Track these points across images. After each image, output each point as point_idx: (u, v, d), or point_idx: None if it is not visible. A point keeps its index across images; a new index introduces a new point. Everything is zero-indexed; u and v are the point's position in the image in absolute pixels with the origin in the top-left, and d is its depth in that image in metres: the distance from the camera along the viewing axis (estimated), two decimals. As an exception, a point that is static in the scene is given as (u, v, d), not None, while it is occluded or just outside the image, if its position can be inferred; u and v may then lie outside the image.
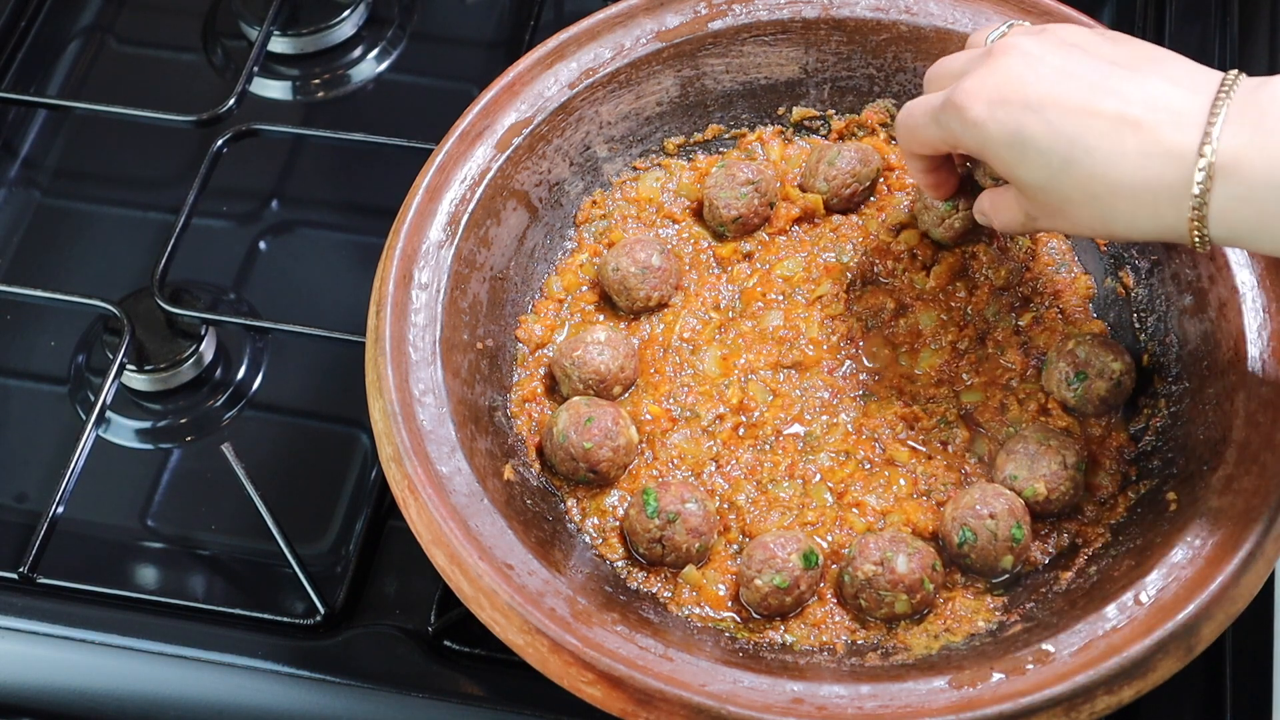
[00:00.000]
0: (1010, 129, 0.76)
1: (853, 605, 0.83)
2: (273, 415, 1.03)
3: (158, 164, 1.14)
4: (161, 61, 1.21)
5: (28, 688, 0.89)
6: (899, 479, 0.87)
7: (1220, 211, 0.71)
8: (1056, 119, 0.74)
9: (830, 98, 0.99)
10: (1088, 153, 0.74)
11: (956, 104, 0.78)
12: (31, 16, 1.21)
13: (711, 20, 0.97)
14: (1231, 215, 0.71)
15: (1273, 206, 0.70)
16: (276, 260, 1.11)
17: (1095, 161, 0.73)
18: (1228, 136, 0.70)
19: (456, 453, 0.82)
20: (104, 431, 1.01)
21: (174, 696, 0.88)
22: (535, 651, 0.77)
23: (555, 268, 0.95)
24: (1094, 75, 0.75)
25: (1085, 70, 0.75)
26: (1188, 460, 0.84)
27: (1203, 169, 0.71)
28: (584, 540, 0.86)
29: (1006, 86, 0.76)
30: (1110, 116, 0.73)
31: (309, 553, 0.94)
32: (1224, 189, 0.71)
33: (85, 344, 1.05)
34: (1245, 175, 0.70)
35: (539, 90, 0.94)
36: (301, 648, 0.89)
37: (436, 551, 0.79)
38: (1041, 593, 0.83)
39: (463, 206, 0.90)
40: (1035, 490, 0.85)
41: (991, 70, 0.77)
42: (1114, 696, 0.75)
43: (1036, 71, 0.76)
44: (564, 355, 0.90)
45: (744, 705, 0.74)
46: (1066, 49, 0.77)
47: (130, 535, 0.98)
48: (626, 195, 0.98)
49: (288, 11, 1.18)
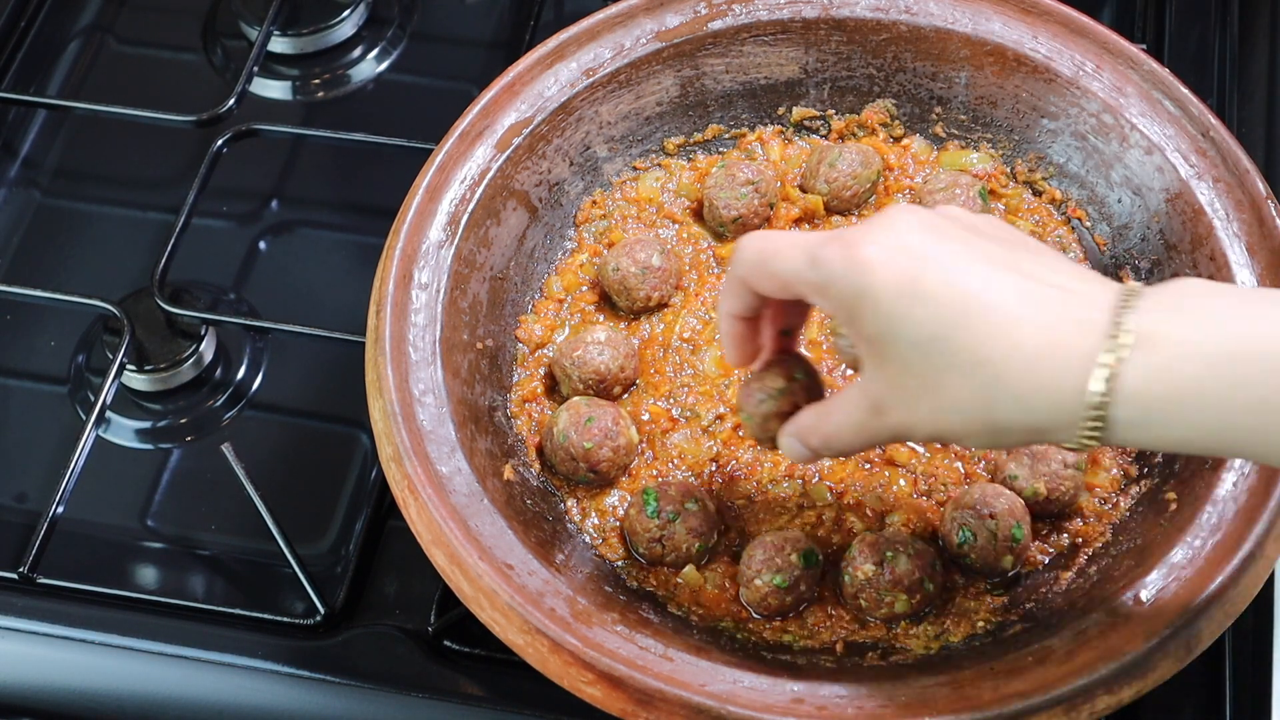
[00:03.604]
0: (908, 275, 0.65)
1: (853, 605, 0.83)
2: (273, 415, 1.03)
3: (158, 164, 1.14)
4: (161, 61, 1.21)
5: (28, 688, 0.89)
6: (899, 479, 0.87)
7: (1133, 384, 0.63)
8: (958, 274, 0.65)
9: (830, 98, 0.99)
10: (987, 310, 0.64)
11: (846, 240, 0.67)
12: (31, 16, 1.21)
13: (711, 20, 0.97)
14: (1146, 390, 0.63)
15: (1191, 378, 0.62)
16: (276, 260, 1.11)
17: (995, 321, 0.64)
18: (1145, 311, 0.63)
19: (456, 453, 0.82)
20: (104, 431, 1.01)
21: (174, 696, 0.88)
22: (535, 651, 0.77)
23: (555, 268, 0.95)
24: (997, 246, 0.67)
25: (987, 240, 0.67)
26: (1188, 460, 0.84)
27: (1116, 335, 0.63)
28: (584, 540, 0.86)
29: (906, 237, 0.67)
30: (1016, 281, 0.65)
31: (309, 553, 0.94)
32: (1142, 358, 0.62)
33: (85, 344, 1.05)
34: (1164, 344, 0.62)
35: (539, 90, 0.94)
36: (301, 648, 0.89)
37: (436, 551, 0.80)
38: (1041, 593, 0.83)
39: (463, 206, 0.90)
40: (1035, 490, 0.85)
41: (888, 223, 0.68)
42: (1114, 696, 0.75)
43: (939, 231, 0.67)
44: (564, 355, 0.90)
45: (744, 705, 0.74)
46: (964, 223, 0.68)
47: (130, 535, 0.98)
48: (626, 195, 0.98)
49: (288, 11, 1.18)
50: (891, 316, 0.66)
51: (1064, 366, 0.64)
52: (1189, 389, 0.62)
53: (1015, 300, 0.65)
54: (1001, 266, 0.66)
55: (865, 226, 0.68)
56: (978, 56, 0.96)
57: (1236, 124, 1.09)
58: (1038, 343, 0.64)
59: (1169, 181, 0.91)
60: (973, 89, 0.97)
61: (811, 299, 0.71)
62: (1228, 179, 0.90)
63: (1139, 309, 0.63)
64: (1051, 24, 0.95)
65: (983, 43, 0.95)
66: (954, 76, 0.97)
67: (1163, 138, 0.92)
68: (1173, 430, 0.63)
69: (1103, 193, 0.94)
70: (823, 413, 0.74)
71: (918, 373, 0.66)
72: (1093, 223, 0.95)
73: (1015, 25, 0.95)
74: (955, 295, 0.65)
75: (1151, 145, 0.92)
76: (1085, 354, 0.63)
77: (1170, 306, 0.64)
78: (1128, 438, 0.65)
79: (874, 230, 0.68)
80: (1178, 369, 0.62)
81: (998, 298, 0.65)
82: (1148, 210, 0.92)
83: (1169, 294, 0.64)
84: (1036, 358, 0.64)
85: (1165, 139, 0.91)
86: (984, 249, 0.67)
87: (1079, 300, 0.65)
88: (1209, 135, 0.91)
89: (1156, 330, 0.63)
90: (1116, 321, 0.63)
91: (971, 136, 0.98)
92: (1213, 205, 0.89)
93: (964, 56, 0.96)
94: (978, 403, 0.66)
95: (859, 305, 0.67)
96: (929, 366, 0.66)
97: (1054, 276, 0.66)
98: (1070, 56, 0.94)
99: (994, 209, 0.96)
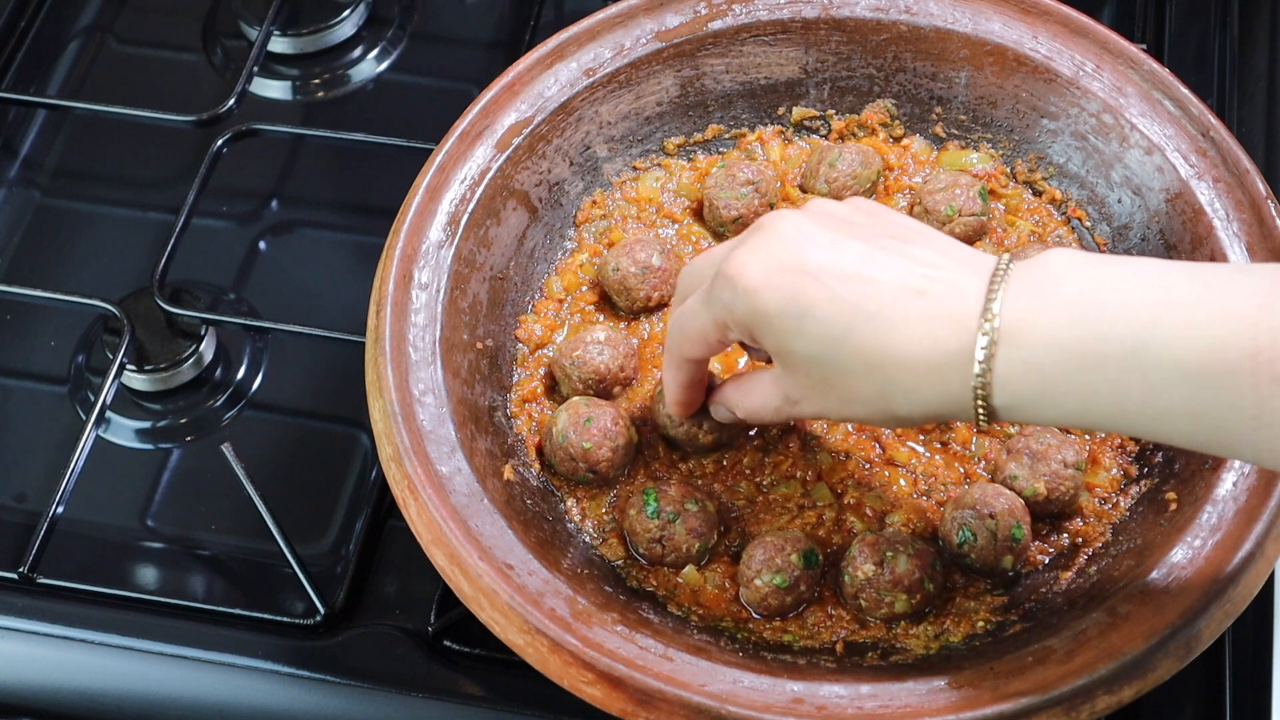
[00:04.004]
0: (788, 295, 0.71)
1: (853, 605, 0.83)
2: (273, 415, 1.03)
3: (158, 164, 1.14)
4: (161, 61, 1.21)
5: (28, 688, 0.89)
6: (899, 479, 0.87)
7: (1004, 377, 0.68)
8: (837, 286, 0.70)
9: (830, 98, 0.99)
10: (870, 319, 0.69)
11: (728, 274, 0.73)
12: (31, 16, 1.21)
13: (711, 20, 0.97)
14: (1015, 381, 0.68)
15: (1054, 371, 0.67)
16: (276, 260, 1.11)
17: (878, 329, 0.69)
18: (1010, 302, 0.67)
19: (456, 453, 0.82)
20: (104, 431, 1.01)
21: (174, 696, 0.88)
22: (535, 651, 0.77)
23: (555, 268, 0.95)
24: (868, 244, 0.71)
25: (859, 239, 0.71)
26: (1188, 460, 0.84)
27: (987, 333, 0.67)
28: (584, 540, 0.86)
29: (781, 254, 0.72)
30: (891, 284, 0.70)
31: (309, 553, 0.94)
32: (1008, 352, 0.67)
33: (85, 344, 1.05)
34: (1028, 339, 0.67)
35: (539, 90, 0.94)
36: (301, 648, 0.89)
37: (436, 551, 0.79)
38: (1041, 593, 0.83)
39: (463, 206, 0.90)
40: (1035, 490, 0.85)
41: (763, 241, 0.73)
42: (1114, 696, 0.75)
43: (811, 240, 0.71)
44: (564, 355, 0.90)
45: (744, 705, 0.74)
46: (835, 221, 0.73)
47: (130, 535, 0.98)
48: (626, 195, 0.98)
49: (288, 11, 1.18)
50: (784, 333, 0.72)
51: (945, 366, 0.69)
52: (1053, 380, 0.67)
53: (893, 305, 0.69)
54: (876, 265, 0.70)
55: (746, 244, 0.73)
56: (978, 56, 0.96)
57: (1236, 124, 1.09)
58: (918, 348, 0.69)
59: (1169, 181, 0.91)
60: (973, 89, 0.97)
61: (727, 338, 0.77)
62: (1228, 179, 0.90)
63: (1005, 298, 0.68)
64: (1051, 24, 0.95)
65: (983, 43, 0.95)
66: (954, 76, 0.97)
67: (1163, 138, 0.92)
68: (1047, 413, 0.69)
69: (1103, 193, 0.94)
70: (744, 391, 0.81)
71: (818, 376, 0.72)
72: (1093, 223, 0.95)
73: (1015, 25, 0.95)
74: (837, 310, 0.70)
75: (1151, 145, 0.92)
76: (961, 353, 0.68)
77: (1033, 292, 0.68)
78: (1017, 419, 0.70)
79: (754, 249, 0.73)
80: (1040, 363, 0.67)
81: (876, 305, 0.70)
82: (1148, 210, 0.92)
83: (1033, 277, 0.68)
84: (919, 362, 0.69)
85: (1165, 139, 0.92)
86: (856, 248, 0.71)
87: (951, 293, 0.69)
88: (1209, 135, 0.91)
89: (1022, 322, 0.67)
90: (985, 317, 0.68)
91: (971, 136, 0.98)
92: (1213, 205, 0.89)
93: (964, 56, 0.96)
94: (877, 398, 0.71)
95: (755, 326, 0.73)
96: (827, 372, 0.72)
97: (924, 267, 0.70)
98: (1070, 56, 0.94)
99: (994, 209, 0.96)
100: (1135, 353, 0.65)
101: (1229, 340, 0.63)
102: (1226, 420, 0.64)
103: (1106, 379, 0.66)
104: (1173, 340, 0.64)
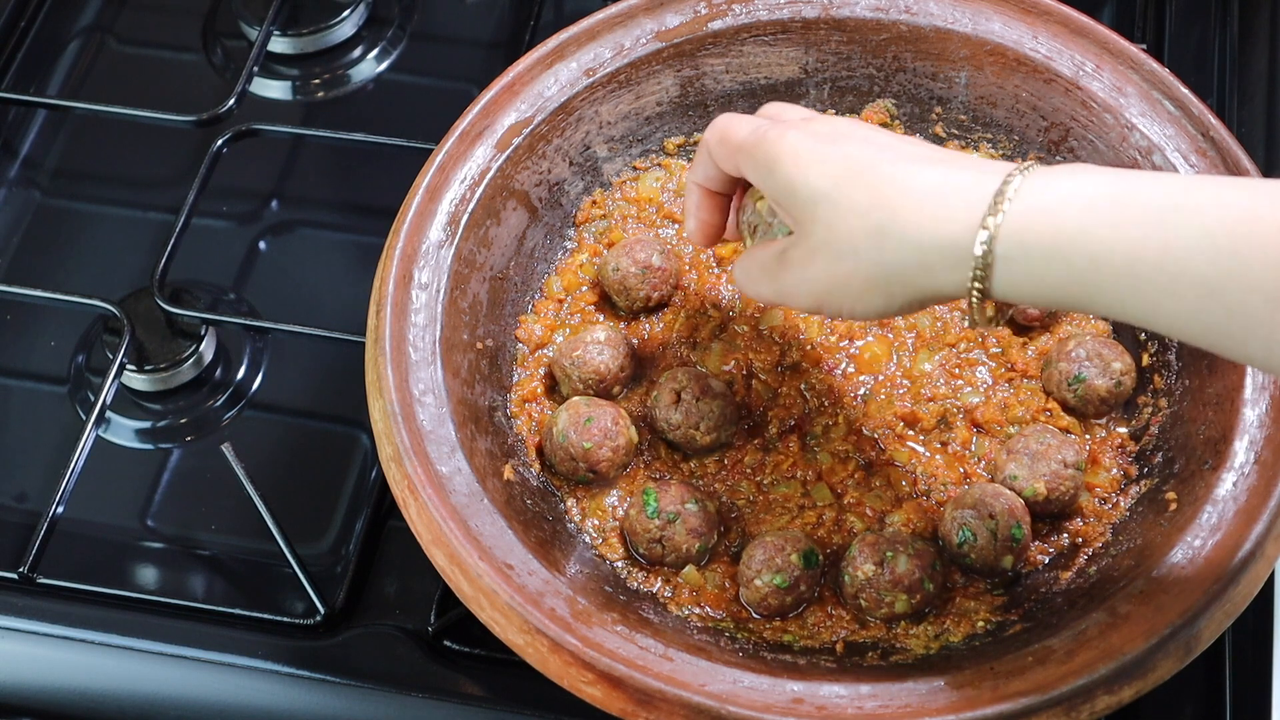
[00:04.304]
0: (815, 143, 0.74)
1: (853, 605, 0.83)
2: (273, 415, 1.03)
3: (158, 164, 1.14)
4: (161, 61, 1.21)
5: (28, 688, 0.89)
6: (899, 479, 0.87)
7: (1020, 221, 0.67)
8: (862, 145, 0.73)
9: (830, 98, 0.99)
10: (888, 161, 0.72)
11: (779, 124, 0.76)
12: (31, 16, 1.21)
13: (711, 20, 0.97)
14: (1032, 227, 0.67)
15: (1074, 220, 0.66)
16: (276, 260, 1.11)
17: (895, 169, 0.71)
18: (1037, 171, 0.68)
19: (456, 453, 0.82)
20: (104, 431, 1.01)
21: (174, 696, 0.88)
22: (535, 651, 0.77)
23: (555, 268, 0.95)
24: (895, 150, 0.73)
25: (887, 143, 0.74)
26: (1188, 460, 0.84)
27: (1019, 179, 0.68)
28: (584, 540, 0.86)
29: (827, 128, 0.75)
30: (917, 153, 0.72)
31: (309, 553, 0.94)
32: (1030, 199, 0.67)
33: (85, 344, 1.05)
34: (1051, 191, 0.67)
35: (539, 90, 0.94)
36: (301, 648, 0.89)
37: (436, 551, 0.80)
38: (1041, 593, 0.83)
39: (463, 206, 0.90)
40: (1035, 490, 0.85)
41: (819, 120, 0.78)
42: (1114, 696, 0.75)
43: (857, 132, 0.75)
44: (564, 355, 0.90)
45: (744, 705, 0.74)
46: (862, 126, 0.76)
47: (130, 535, 0.98)
48: (626, 195, 0.98)
49: (288, 11, 1.18)
50: (798, 167, 0.73)
51: (955, 205, 0.69)
52: (1071, 227, 0.66)
53: (913, 155, 0.72)
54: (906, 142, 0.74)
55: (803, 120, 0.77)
56: (978, 56, 0.96)
57: (1236, 124, 1.09)
58: (931, 185, 0.70)
59: (1169, 181, 0.91)
60: (973, 89, 0.97)
61: (744, 168, 0.78)
62: (1228, 179, 0.89)
63: (1031, 171, 0.68)
64: (1051, 24, 0.95)
65: (983, 43, 0.95)
66: (954, 76, 0.97)
67: (1163, 138, 0.92)
68: (1054, 271, 0.67)
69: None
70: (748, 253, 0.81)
71: (820, 218, 0.72)
72: (1093, 223, 0.95)
73: (1015, 25, 0.95)
74: (857, 153, 0.72)
75: (1151, 145, 0.92)
76: (975, 198, 0.68)
77: (1062, 171, 0.68)
78: (1011, 284, 0.68)
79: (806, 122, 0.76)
80: (1060, 211, 0.66)
81: (895, 154, 0.72)
82: (1148, 210, 0.92)
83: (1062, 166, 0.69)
84: (928, 197, 0.69)
85: (1165, 139, 0.92)
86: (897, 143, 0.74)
87: (974, 161, 0.71)
88: (1209, 135, 0.91)
89: (1047, 181, 0.67)
90: (1008, 176, 0.68)
91: (971, 136, 0.98)
92: (1213, 205, 0.89)
93: (964, 56, 0.96)
94: (871, 245, 0.71)
95: (774, 164, 0.74)
96: (828, 212, 0.72)
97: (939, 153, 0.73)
98: (1070, 56, 0.94)
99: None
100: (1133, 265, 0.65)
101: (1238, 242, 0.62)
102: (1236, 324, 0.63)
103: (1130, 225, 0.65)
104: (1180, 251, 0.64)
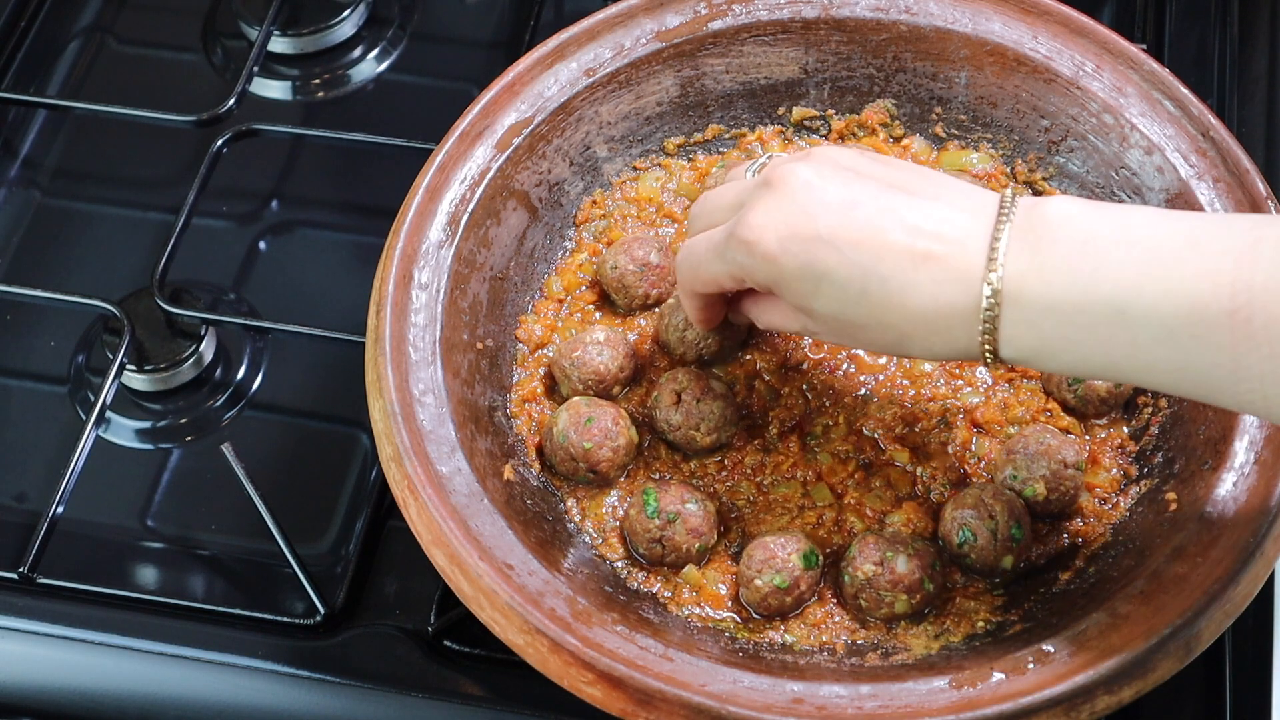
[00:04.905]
0: (804, 262, 0.75)
1: (853, 605, 0.83)
2: (273, 415, 1.03)
3: (158, 164, 1.14)
4: (161, 61, 1.21)
5: (28, 688, 0.89)
6: (899, 479, 0.87)
7: (1008, 335, 0.72)
8: (850, 252, 0.74)
9: (830, 98, 0.99)
10: (882, 283, 0.73)
11: (745, 240, 0.76)
12: (31, 16, 1.21)
13: (711, 20, 0.97)
14: (1018, 339, 0.72)
15: (1051, 330, 0.71)
16: (276, 260, 1.11)
17: (890, 292, 0.73)
18: (1011, 261, 0.71)
19: (456, 453, 0.82)
20: (104, 431, 1.01)
21: (174, 696, 0.88)
22: (535, 651, 0.77)
23: (555, 268, 0.95)
24: (878, 203, 0.74)
25: (868, 198, 0.75)
26: (1188, 460, 0.84)
27: (990, 296, 0.71)
28: (584, 540, 0.86)
29: (794, 219, 0.75)
30: (901, 249, 0.73)
31: (309, 553, 0.94)
32: (1010, 314, 0.72)
33: (85, 344, 1.05)
34: (1027, 299, 0.71)
35: (539, 90, 0.94)
36: (301, 648, 0.89)
37: (436, 551, 0.79)
38: (1041, 593, 0.83)
39: (463, 206, 0.90)
40: (1035, 490, 0.85)
41: (776, 202, 0.76)
42: (1114, 696, 0.75)
43: (822, 202, 0.75)
44: (564, 355, 0.90)
45: (744, 705, 0.74)
46: (844, 174, 0.76)
47: (130, 535, 0.98)
48: (626, 195, 0.98)
49: (288, 11, 1.18)
50: (802, 294, 0.76)
51: (953, 323, 0.73)
52: (1051, 338, 0.72)
53: (903, 269, 0.73)
54: (884, 226, 0.74)
55: (759, 204, 0.77)
56: (978, 56, 0.96)
57: (1236, 124, 1.08)
58: (928, 308, 0.73)
59: (1169, 181, 0.91)
60: (973, 89, 0.97)
61: (744, 286, 0.81)
62: (1228, 179, 0.90)
63: (1007, 255, 0.72)
64: (1051, 24, 0.95)
65: (983, 43, 0.95)
66: (954, 76, 0.97)
67: (1163, 138, 0.92)
68: (1049, 365, 0.73)
69: (1103, 193, 0.94)
70: (764, 308, 0.83)
71: (836, 327, 0.77)
72: (1093, 223, 0.95)
73: (1015, 25, 0.95)
74: (851, 275, 0.74)
75: (1151, 145, 0.92)
76: (968, 312, 0.73)
77: (1032, 249, 0.71)
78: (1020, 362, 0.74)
79: (768, 210, 0.76)
80: (1038, 323, 0.71)
81: (887, 269, 0.73)
82: (1148, 210, 0.92)
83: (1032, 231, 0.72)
84: (930, 319, 0.74)
85: (1165, 139, 0.92)
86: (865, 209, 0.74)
87: (957, 253, 0.73)
88: (1209, 135, 0.91)
89: (1021, 283, 0.71)
90: (987, 279, 0.72)
91: (971, 136, 0.98)
92: (1213, 205, 0.89)
93: (964, 56, 0.96)
94: (892, 346, 0.77)
95: (777, 285, 0.77)
96: (844, 323, 0.76)
97: (931, 222, 0.74)
98: (1070, 56, 0.94)
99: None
100: (1122, 312, 0.69)
101: (1209, 299, 0.67)
102: (1208, 374, 0.68)
103: (1097, 338, 0.70)
104: (1157, 299, 0.68)
